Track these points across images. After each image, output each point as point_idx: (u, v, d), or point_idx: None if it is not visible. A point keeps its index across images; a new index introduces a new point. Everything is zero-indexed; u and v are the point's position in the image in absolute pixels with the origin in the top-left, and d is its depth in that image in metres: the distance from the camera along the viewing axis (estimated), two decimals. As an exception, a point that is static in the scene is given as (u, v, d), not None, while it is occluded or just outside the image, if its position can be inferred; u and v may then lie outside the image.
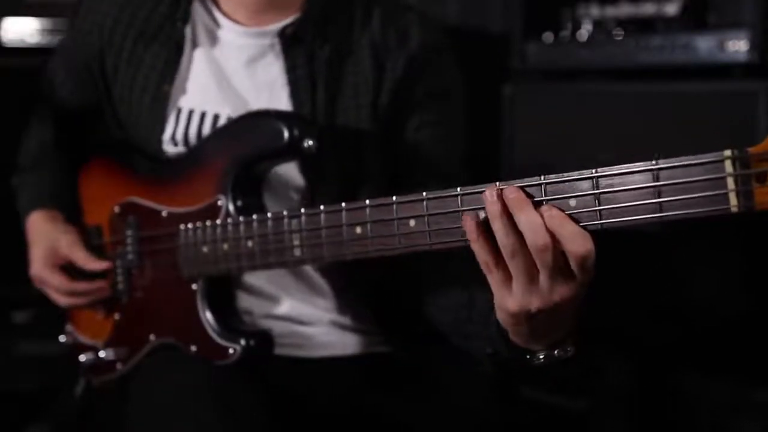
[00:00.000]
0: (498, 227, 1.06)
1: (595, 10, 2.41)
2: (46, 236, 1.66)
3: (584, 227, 1.04)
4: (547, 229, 1.04)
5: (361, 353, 1.63)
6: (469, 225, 1.09)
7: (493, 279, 1.10)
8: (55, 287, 1.64)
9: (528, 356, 1.18)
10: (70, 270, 1.64)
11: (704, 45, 2.15)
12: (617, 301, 2.24)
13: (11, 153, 1.83)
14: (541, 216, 1.04)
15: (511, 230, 1.06)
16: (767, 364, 2.03)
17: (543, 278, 1.06)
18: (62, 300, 1.65)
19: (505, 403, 1.66)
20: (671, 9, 2.28)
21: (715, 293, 2.12)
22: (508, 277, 1.09)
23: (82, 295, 1.63)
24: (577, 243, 1.03)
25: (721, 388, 2.13)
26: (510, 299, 1.09)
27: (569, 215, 1.04)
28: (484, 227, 1.09)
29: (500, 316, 1.13)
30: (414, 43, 1.60)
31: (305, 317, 1.62)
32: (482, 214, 1.09)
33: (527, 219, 1.05)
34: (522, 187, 1.07)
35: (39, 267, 1.65)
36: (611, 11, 2.38)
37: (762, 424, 2.06)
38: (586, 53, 2.37)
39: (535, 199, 1.07)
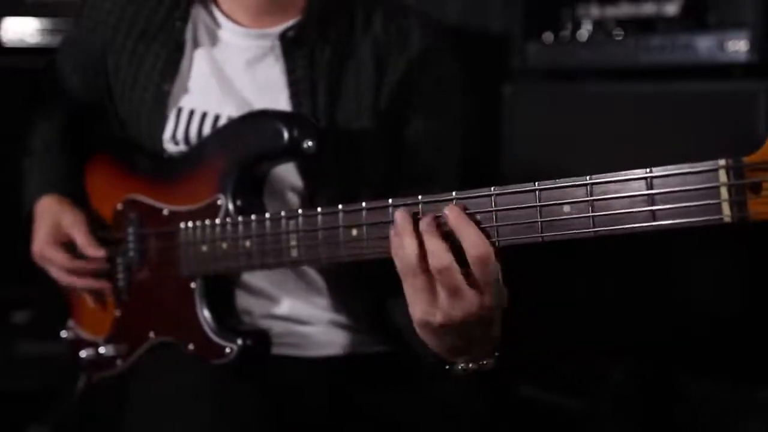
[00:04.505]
0: (405, 245, 1.13)
1: (595, 10, 2.42)
2: (51, 214, 1.66)
3: (578, 234, 1.05)
4: (449, 247, 1.09)
5: (359, 353, 1.63)
6: (392, 239, 1.15)
7: (406, 288, 1.15)
8: (57, 263, 1.63)
9: (447, 366, 1.22)
10: (72, 250, 1.64)
11: (704, 45, 2.15)
12: (617, 301, 2.25)
13: (11, 152, 1.83)
14: (446, 215, 1.10)
15: (418, 250, 1.11)
16: (766, 363, 2.03)
17: (443, 296, 1.11)
18: (63, 277, 1.65)
19: (503, 402, 1.66)
20: (671, 9, 2.29)
21: (715, 292, 2.12)
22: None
23: (81, 274, 1.63)
24: (475, 245, 1.08)
25: (722, 387, 2.13)
26: (417, 310, 1.14)
27: (476, 219, 1.10)
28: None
29: (415, 325, 1.17)
30: (415, 45, 1.60)
31: (304, 317, 1.62)
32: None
33: (430, 240, 1.10)
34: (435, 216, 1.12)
35: (41, 242, 1.65)
36: (611, 11, 2.39)
37: (763, 424, 2.06)
38: (586, 53, 2.38)
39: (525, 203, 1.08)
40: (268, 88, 1.59)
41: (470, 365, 1.20)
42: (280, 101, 1.57)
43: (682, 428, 2.21)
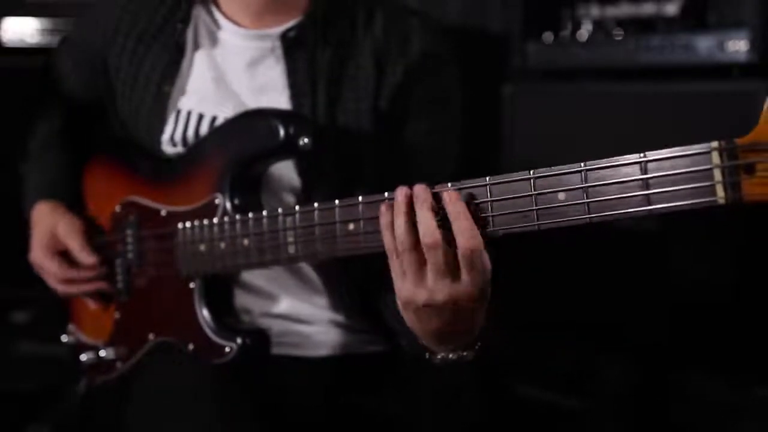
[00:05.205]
0: (399, 223, 1.13)
1: (595, 10, 2.42)
2: (46, 222, 1.67)
3: (573, 221, 1.04)
4: (439, 226, 1.10)
5: (359, 352, 1.63)
6: (383, 215, 1.16)
7: (394, 266, 1.16)
8: (52, 273, 1.64)
9: (427, 354, 1.24)
10: (67, 258, 1.64)
11: (704, 45, 2.15)
12: (614, 298, 2.24)
13: (11, 152, 1.83)
14: (444, 198, 1.11)
15: (410, 228, 1.13)
16: (764, 362, 2.02)
17: (430, 275, 1.12)
18: (59, 287, 1.66)
19: (500, 401, 1.66)
20: (671, 9, 2.29)
21: (713, 290, 2.12)
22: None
23: (77, 283, 1.63)
24: (466, 236, 1.08)
25: (718, 386, 2.13)
26: (403, 288, 1.15)
27: (472, 211, 1.10)
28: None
29: (398, 303, 1.19)
30: (414, 49, 1.60)
31: (304, 316, 1.62)
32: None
33: (424, 216, 1.12)
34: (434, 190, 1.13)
35: (36, 252, 1.66)
36: (611, 11, 2.39)
37: (760, 423, 2.06)
38: (586, 53, 2.38)
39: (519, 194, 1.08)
40: (268, 90, 1.59)
41: (450, 356, 1.22)
42: (281, 102, 1.57)
43: (679, 427, 2.20)
